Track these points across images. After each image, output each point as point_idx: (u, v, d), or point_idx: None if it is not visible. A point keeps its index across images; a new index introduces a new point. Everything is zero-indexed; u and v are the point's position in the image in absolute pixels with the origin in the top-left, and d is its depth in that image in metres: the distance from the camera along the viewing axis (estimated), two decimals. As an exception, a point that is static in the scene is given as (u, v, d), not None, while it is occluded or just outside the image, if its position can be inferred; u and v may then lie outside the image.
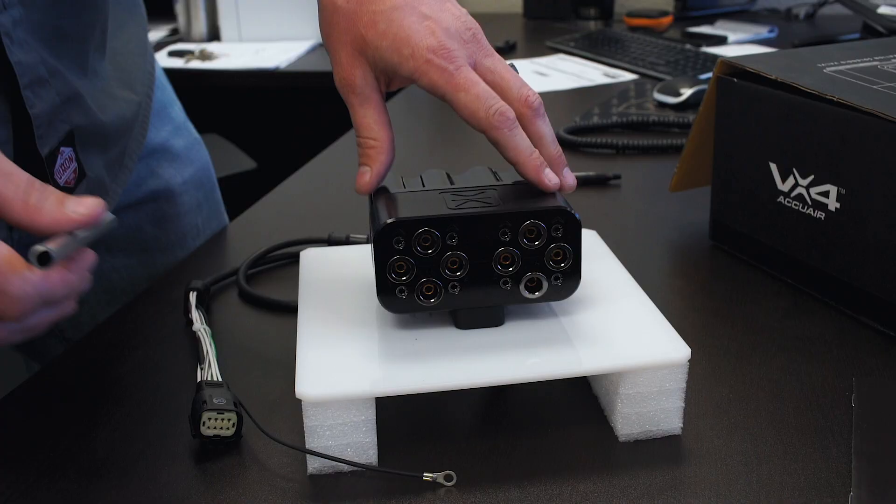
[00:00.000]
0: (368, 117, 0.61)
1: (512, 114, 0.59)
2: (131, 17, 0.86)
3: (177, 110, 0.99)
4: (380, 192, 0.61)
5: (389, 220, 0.55)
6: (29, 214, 0.49)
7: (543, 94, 0.64)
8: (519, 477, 0.54)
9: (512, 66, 0.63)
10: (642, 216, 0.95)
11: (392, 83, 0.63)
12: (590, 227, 0.72)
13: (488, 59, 0.62)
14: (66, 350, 0.73)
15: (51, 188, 0.50)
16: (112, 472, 0.56)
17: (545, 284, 0.58)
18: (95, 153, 0.75)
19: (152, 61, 0.92)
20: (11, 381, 0.69)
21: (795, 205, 0.75)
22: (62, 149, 0.69)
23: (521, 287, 0.57)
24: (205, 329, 0.68)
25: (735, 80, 0.79)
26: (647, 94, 1.43)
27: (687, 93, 1.33)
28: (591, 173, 1.02)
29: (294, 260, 0.84)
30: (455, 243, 0.56)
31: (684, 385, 0.57)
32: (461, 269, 0.57)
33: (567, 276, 0.58)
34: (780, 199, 0.76)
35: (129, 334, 0.74)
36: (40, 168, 0.67)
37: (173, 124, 0.97)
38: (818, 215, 0.73)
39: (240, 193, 1.08)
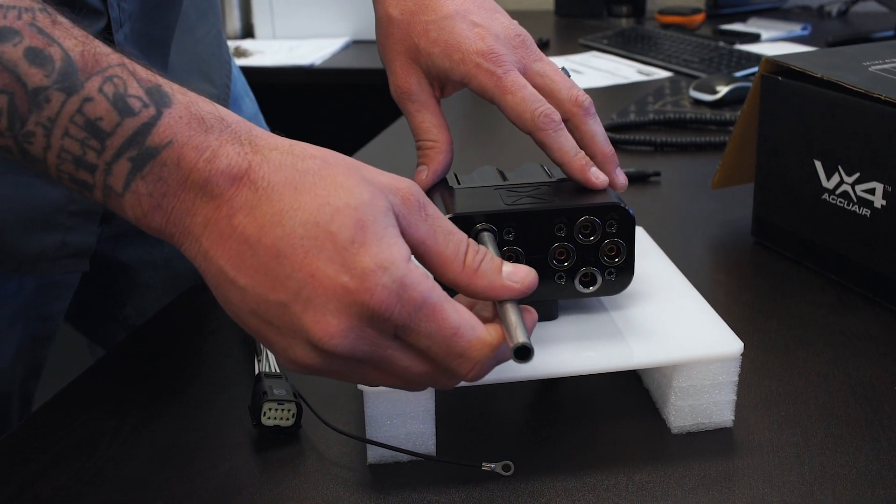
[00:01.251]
0: (426, 121, 0.63)
1: (557, 116, 0.60)
2: (210, 7, 0.88)
3: (248, 103, 1.01)
4: (436, 188, 0.62)
5: (448, 216, 0.56)
6: (467, 276, 0.47)
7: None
8: (575, 467, 0.55)
9: (563, 70, 0.65)
10: (683, 212, 0.96)
11: (445, 89, 0.65)
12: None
13: (538, 64, 0.63)
14: (127, 337, 0.75)
15: (483, 249, 0.48)
16: (174, 460, 0.58)
17: (599, 279, 0.59)
18: None
19: (228, 51, 0.94)
20: (76, 366, 0.71)
21: (840, 202, 0.75)
22: None
23: (576, 282, 0.58)
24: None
25: (780, 78, 0.80)
26: (683, 91, 1.43)
27: (723, 90, 1.33)
28: (630, 170, 1.03)
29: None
30: (511, 238, 0.57)
31: (736, 378, 0.58)
32: (517, 263, 0.58)
33: (621, 271, 0.59)
34: (825, 196, 0.77)
35: (189, 323, 0.76)
36: None
37: (243, 116, 0.98)
38: (863, 212, 0.73)
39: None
